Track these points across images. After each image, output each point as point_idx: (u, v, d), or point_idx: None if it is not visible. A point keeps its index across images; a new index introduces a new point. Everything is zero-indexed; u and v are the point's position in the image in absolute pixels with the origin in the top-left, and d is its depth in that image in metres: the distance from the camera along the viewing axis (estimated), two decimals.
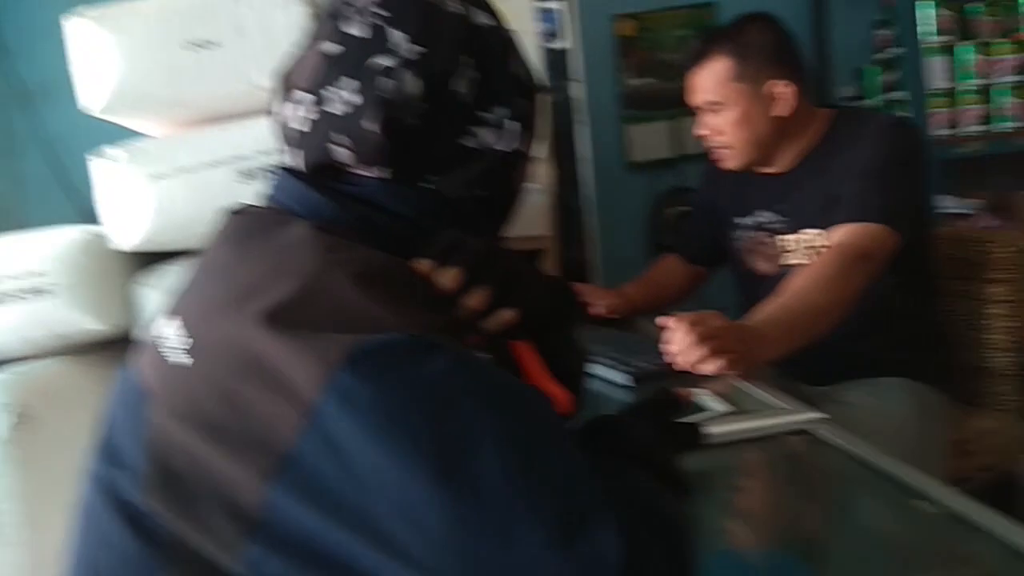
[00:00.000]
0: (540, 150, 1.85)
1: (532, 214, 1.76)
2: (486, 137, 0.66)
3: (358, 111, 0.64)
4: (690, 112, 1.65)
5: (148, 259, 1.56)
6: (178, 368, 0.59)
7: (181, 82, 1.49)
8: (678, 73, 2.61)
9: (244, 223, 0.66)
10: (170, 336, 0.61)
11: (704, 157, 1.88)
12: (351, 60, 0.65)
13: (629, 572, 0.48)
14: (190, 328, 0.61)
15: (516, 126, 0.67)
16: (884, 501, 0.85)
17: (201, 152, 1.50)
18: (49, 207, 2.06)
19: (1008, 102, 2.14)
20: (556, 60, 1.87)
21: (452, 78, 0.64)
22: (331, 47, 0.66)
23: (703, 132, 1.60)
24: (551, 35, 1.82)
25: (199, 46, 1.45)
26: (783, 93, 1.51)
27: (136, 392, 0.62)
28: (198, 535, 0.55)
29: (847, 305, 1.32)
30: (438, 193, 0.66)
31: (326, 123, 0.65)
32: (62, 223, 1.63)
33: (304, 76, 0.67)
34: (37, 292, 1.50)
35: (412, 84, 0.63)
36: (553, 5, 1.80)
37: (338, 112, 0.64)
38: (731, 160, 1.59)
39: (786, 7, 1.58)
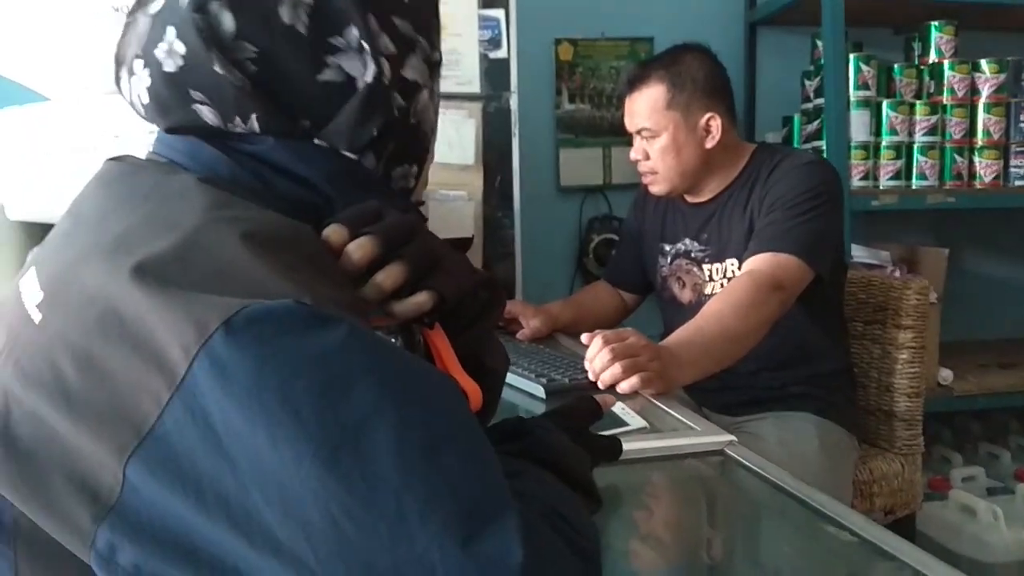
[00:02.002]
0: (469, 157, 1.80)
1: (458, 219, 1.72)
2: (350, 66, 0.58)
3: (189, 60, 0.56)
4: (621, 142, 1.66)
5: (43, 230, 1.45)
6: (30, 325, 0.51)
7: (93, 45, 1.40)
8: (611, 102, 2.70)
9: (122, 170, 0.59)
10: (26, 290, 0.53)
11: (633, 187, 1.90)
12: (170, 9, 0.57)
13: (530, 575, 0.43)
14: (45, 280, 0.53)
15: (386, 43, 0.59)
16: (795, 525, 0.84)
17: (105, 123, 1.41)
18: None
19: (924, 161, 2.23)
20: (496, 69, 1.85)
21: (275, 9, 0.57)
22: (154, 4, 0.58)
23: (635, 157, 1.62)
24: (494, 43, 1.80)
25: (118, 9, 1.37)
26: (713, 125, 1.54)
27: None
28: (45, 515, 0.47)
29: (760, 332, 1.34)
30: (336, 153, 0.59)
31: (170, 83, 0.58)
32: None
33: (132, 45, 0.59)
34: None
35: (228, 21, 0.56)
36: (497, 14, 1.79)
37: (174, 69, 0.57)
38: (657, 186, 1.60)
39: (719, 52, 1.62)
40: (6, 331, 0.53)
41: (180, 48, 0.57)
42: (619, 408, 0.97)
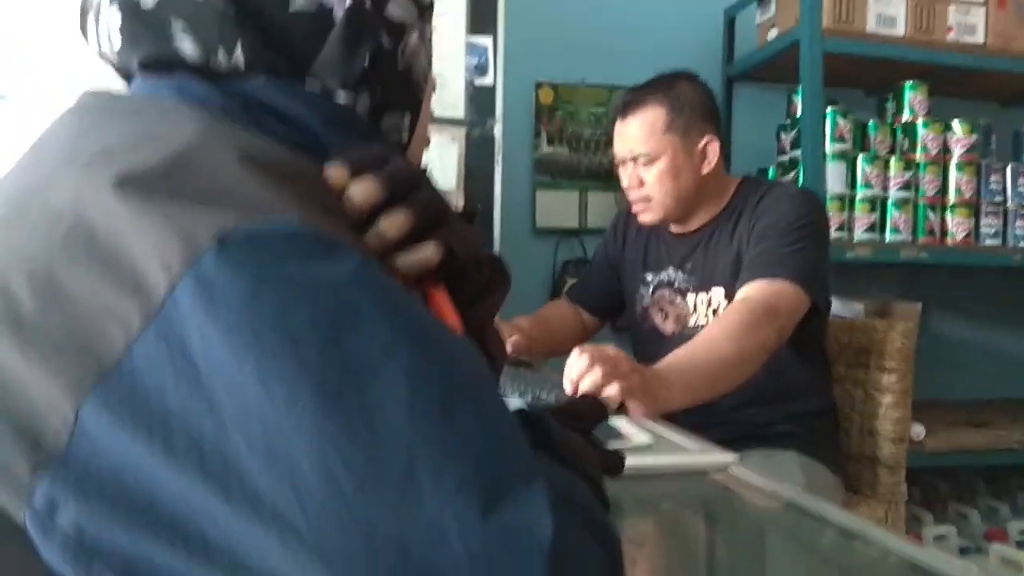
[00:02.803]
0: (451, 181, 1.77)
1: None
2: None
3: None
4: (598, 186, 1.64)
5: None
6: None
7: (45, 41, 1.35)
8: (589, 147, 2.71)
9: (102, 97, 0.52)
10: None
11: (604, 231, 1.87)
12: None
13: (558, 556, 0.37)
14: (1, 197, 0.46)
15: None
16: (811, 540, 0.78)
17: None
18: None
19: (898, 215, 2.25)
20: (481, 96, 1.83)
21: None
22: None
23: (628, 184, 1.58)
24: (480, 70, 1.78)
25: None
26: (710, 150, 1.53)
27: None
28: None
29: (757, 359, 1.29)
30: (330, 97, 0.54)
31: (146, 18, 0.52)
32: None
33: None
34: None
35: None
36: (485, 41, 1.78)
37: (149, 6, 0.51)
38: (650, 214, 1.57)
39: None
40: None
41: None
42: (624, 423, 0.90)
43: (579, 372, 1.09)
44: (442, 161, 1.70)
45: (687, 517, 0.92)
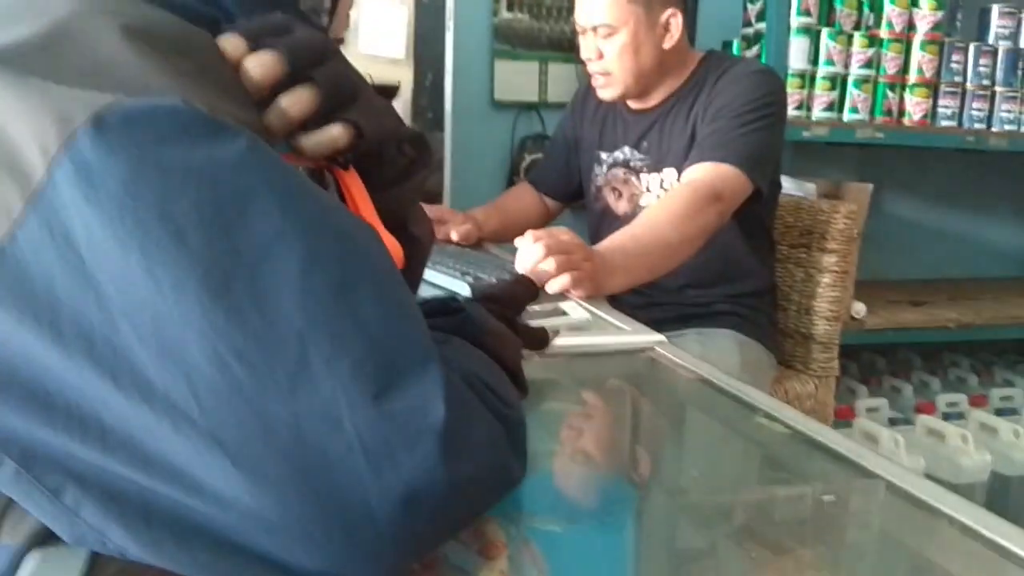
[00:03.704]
0: (399, 50, 1.70)
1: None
2: None
3: None
4: (559, 57, 1.58)
5: None
6: None
7: None
8: (551, 13, 2.61)
9: None
10: None
11: (564, 106, 1.83)
12: None
13: (452, 435, 0.38)
14: None
15: None
16: (727, 420, 0.82)
17: None
18: None
19: (857, 94, 2.23)
20: None
21: None
22: None
23: (588, 56, 1.53)
24: None
25: None
26: (673, 23, 1.48)
27: None
28: None
29: (697, 242, 1.31)
30: None
31: None
32: None
33: None
34: None
35: None
36: None
37: None
38: (609, 89, 1.53)
39: None
40: None
41: None
42: (567, 302, 0.91)
43: (533, 262, 1.09)
44: (391, 26, 1.62)
45: (613, 393, 0.95)
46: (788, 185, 2.23)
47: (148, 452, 0.37)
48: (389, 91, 0.60)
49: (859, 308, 2.30)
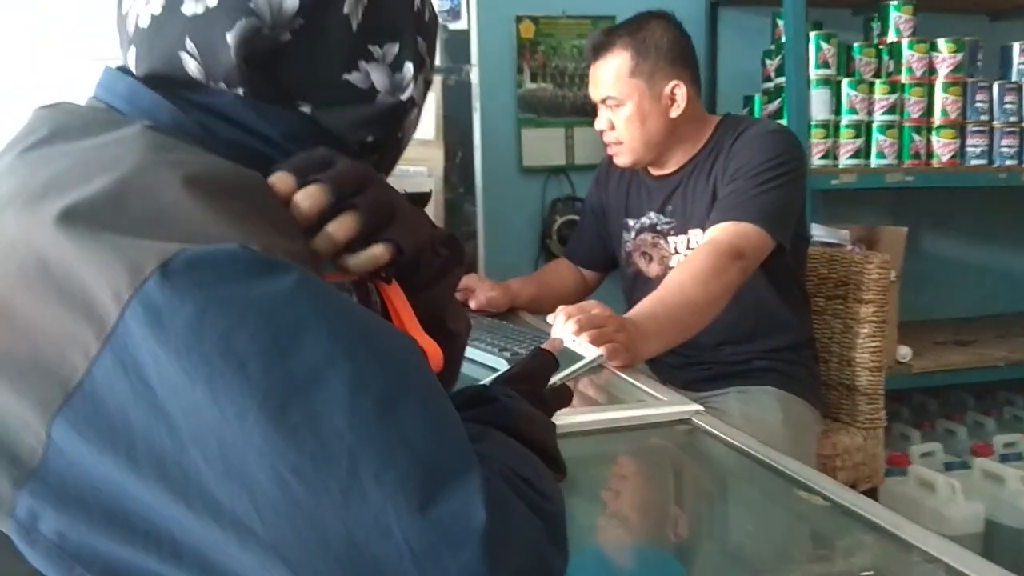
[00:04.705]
0: (429, 132, 1.76)
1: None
2: (377, 76, 0.57)
3: (212, 16, 0.53)
4: (585, 122, 1.64)
5: None
6: None
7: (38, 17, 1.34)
8: (573, 81, 2.68)
9: (54, 118, 0.54)
10: None
11: (593, 168, 1.87)
12: None
13: (495, 540, 0.40)
14: None
15: (410, 69, 0.59)
16: (766, 491, 0.82)
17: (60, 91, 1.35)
18: None
19: (883, 139, 2.24)
20: (456, 42, 1.81)
21: None
22: None
23: (601, 127, 1.60)
24: (453, 14, 1.76)
25: None
26: (678, 94, 1.52)
27: None
28: None
29: (722, 301, 1.34)
30: (315, 120, 0.56)
31: (174, 23, 0.54)
32: None
33: None
34: None
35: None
36: None
37: (190, 12, 0.54)
38: (623, 157, 1.58)
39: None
40: None
41: (211, 2, 0.53)
42: (571, 342, 0.92)
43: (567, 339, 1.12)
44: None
45: (651, 469, 0.96)
46: (821, 233, 2.24)
47: (218, 567, 0.40)
48: (423, 199, 0.65)
49: (904, 352, 2.27)
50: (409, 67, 0.59)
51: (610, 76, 1.53)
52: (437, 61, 1.79)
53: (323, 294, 0.44)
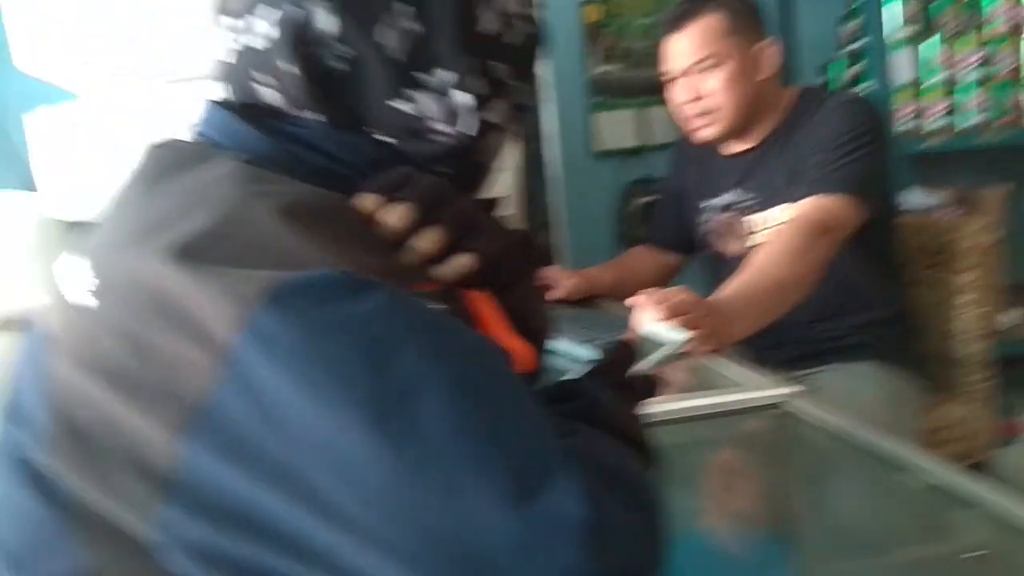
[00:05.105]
0: None
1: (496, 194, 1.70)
2: (425, 106, 0.57)
3: (275, 47, 0.56)
4: (657, 101, 1.61)
5: (86, 227, 1.47)
6: (82, 312, 0.52)
7: (117, 40, 1.41)
8: (644, 60, 2.64)
9: (162, 156, 0.59)
10: (75, 277, 0.54)
11: (669, 147, 1.85)
12: None
13: (593, 533, 0.42)
14: (95, 267, 0.53)
15: (467, 99, 0.58)
16: (866, 475, 0.81)
17: (137, 113, 1.42)
18: None
19: (973, 97, 2.14)
20: None
21: (377, 25, 0.56)
22: None
23: (686, 98, 1.53)
24: None
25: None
26: (771, 52, 1.50)
27: (40, 341, 0.55)
28: (108, 498, 0.48)
29: (811, 278, 1.30)
30: (393, 148, 0.58)
31: (249, 57, 0.57)
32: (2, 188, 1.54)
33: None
34: None
35: (326, 21, 0.55)
36: None
37: (258, 46, 0.57)
38: (713, 127, 1.53)
39: None
40: (61, 319, 0.54)
41: (273, 33, 0.56)
42: (657, 328, 0.89)
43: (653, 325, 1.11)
44: None
45: (748, 454, 0.95)
46: (916, 199, 2.16)
47: (340, 565, 0.43)
48: (491, 204, 0.67)
49: (1012, 317, 2.17)
50: (464, 97, 0.58)
51: (705, 38, 1.48)
52: None
53: (413, 308, 0.47)
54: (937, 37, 2.15)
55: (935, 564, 0.66)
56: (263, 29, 0.56)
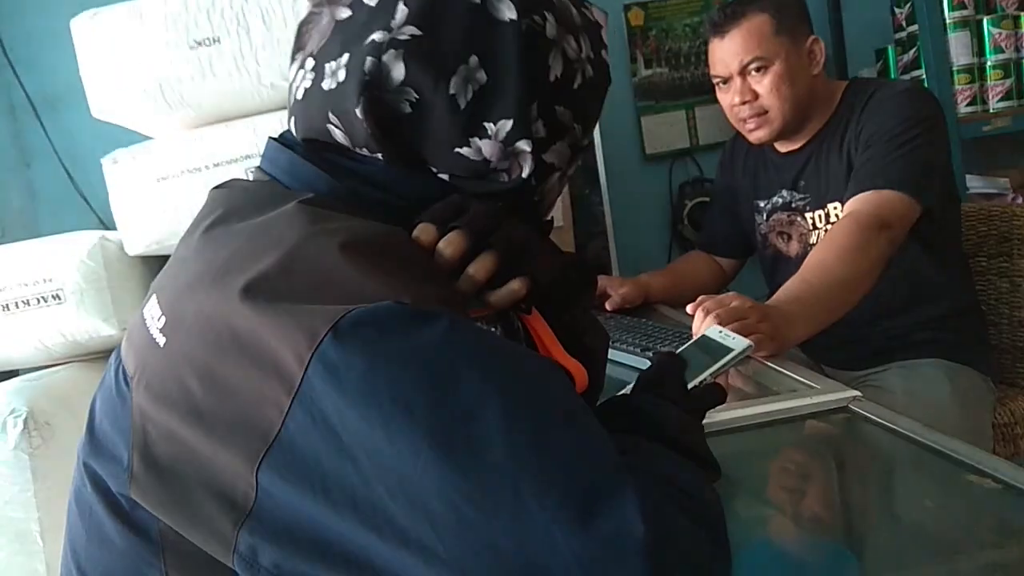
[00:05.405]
0: None
1: None
2: (489, 152, 0.59)
3: (343, 89, 0.59)
4: (705, 100, 1.60)
5: (163, 263, 1.54)
6: (156, 348, 0.55)
7: (188, 81, 1.47)
8: (690, 61, 2.63)
9: (227, 198, 0.62)
10: (150, 315, 0.57)
11: (722, 146, 1.83)
12: (352, 30, 0.59)
13: (656, 550, 0.43)
14: (165, 305, 0.56)
15: (529, 144, 0.59)
16: (936, 477, 0.80)
17: (210, 152, 1.48)
18: (65, 215, 2.04)
19: None
20: None
21: (449, 76, 0.58)
22: (343, 11, 0.60)
23: (738, 100, 1.53)
24: None
25: (203, 44, 1.43)
26: (817, 49, 1.49)
27: (119, 376, 0.58)
28: (188, 526, 0.51)
29: (871, 275, 1.27)
30: (453, 186, 0.60)
31: (319, 97, 0.60)
32: (78, 230, 1.62)
33: (313, 39, 0.62)
34: (52, 299, 1.48)
35: (397, 69, 0.57)
36: None
37: (328, 87, 0.59)
38: (765, 128, 1.52)
39: None
40: (136, 356, 0.57)
41: (342, 75, 0.59)
42: (714, 332, 0.88)
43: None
44: None
45: (810, 462, 0.94)
46: (978, 184, 2.10)
47: None
48: (548, 226, 0.68)
49: None
50: (526, 142, 0.60)
51: (753, 40, 1.48)
52: None
53: (472, 335, 0.49)
54: (994, 16, 2.08)
55: (1011, 568, 0.65)
56: (336, 70, 0.59)
